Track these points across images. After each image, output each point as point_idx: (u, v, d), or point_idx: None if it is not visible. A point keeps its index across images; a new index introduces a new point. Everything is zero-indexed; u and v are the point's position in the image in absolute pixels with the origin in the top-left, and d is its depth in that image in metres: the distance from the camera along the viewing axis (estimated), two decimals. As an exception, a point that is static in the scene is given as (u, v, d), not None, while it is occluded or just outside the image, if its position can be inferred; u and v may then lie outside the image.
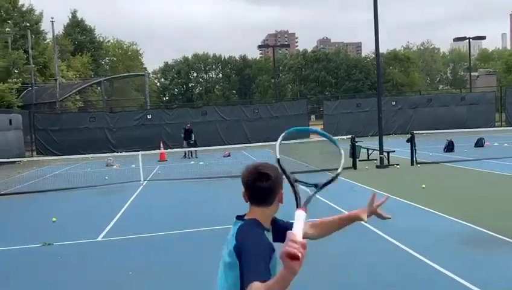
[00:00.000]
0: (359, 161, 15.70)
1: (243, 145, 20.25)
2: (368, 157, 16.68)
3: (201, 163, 19.62)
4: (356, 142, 15.30)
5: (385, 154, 15.25)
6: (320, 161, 16.96)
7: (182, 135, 23.45)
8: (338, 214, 2.51)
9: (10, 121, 25.98)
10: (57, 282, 5.60)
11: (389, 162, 15.15)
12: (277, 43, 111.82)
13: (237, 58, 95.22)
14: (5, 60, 35.72)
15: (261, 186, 2.01)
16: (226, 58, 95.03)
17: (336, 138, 2.44)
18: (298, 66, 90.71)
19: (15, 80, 34.35)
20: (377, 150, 15.69)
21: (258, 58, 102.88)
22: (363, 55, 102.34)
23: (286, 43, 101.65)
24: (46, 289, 5.43)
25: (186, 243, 7.03)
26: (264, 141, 22.02)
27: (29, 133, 28.89)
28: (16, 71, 35.98)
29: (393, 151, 15.87)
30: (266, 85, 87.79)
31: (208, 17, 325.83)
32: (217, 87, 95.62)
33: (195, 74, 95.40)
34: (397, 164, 14.97)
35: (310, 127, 2.09)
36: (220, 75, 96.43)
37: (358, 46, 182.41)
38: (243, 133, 30.40)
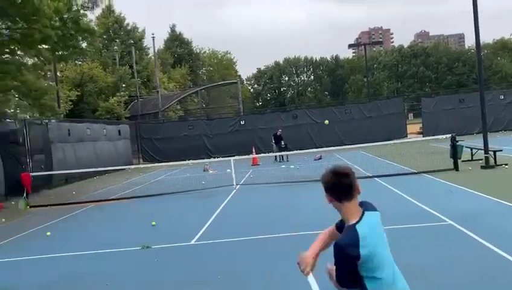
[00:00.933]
0: (462, 161, 14.56)
1: (334, 148, 19.89)
2: (472, 158, 15.40)
3: (292, 167, 19.68)
4: (457, 141, 14.19)
5: (491, 153, 13.94)
6: (417, 162, 16.06)
7: (272, 142, 23.78)
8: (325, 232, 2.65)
9: (119, 131, 28.50)
10: (152, 284, 5.96)
11: (495, 162, 13.82)
12: (370, 40, 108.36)
13: (329, 59, 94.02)
14: (114, 76, 39.31)
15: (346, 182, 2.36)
16: (318, 59, 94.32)
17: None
18: (394, 62, 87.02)
19: (122, 93, 37.65)
20: (481, 149, 14.42)
21: (350, 57, 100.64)
22: (466, 46, 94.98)
23: (380, 40, 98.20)
24: None
25: (278, 248, 7.05)
26: (358, 143, 21.43)
27: (136, 142, 31.38)
28: (123, 85, 39.39)
29: (501, 150, 14.46)
30: (360, 84, 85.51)
31: (300, 20, 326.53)
32: (308, 89, 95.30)
33: (286, 78, 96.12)
34: (505, 164, 13.61)
35: None
36: (312, 77, 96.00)
37: (460, 37, 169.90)
38: (335, 135, 29.91)
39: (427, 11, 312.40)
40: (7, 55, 16.19)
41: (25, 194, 14.25)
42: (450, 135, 14.46)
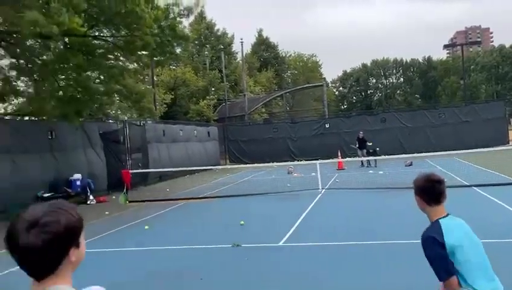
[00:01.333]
0: None
1: (427, 154, 18.92)
2: None
3: (380, 172, 19.07)
4: None
5: None
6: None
7: (356, 146, 23.13)
8: None
9: (208, 133, 29.70)
10: (242, 282, 6.15)
11: None
12: (467, 40, 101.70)
13: (420, 60, 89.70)
14: (204, 80, 41.04)
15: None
16: (408, 61, 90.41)
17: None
18: (493, 63, 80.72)
19: (212, 96, 39.16)
20: None
21: (444, 58, 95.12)
22: None
23: (478, 39, 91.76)
24: (232, 287, 6.01)
25: (365, 255, 6.92)
26: (452, 149, 20.19)
27: (223, 143, 32.47)
28: (212, 89, 40.95)
29: None
30: (455, 87, 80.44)
31: (389, 21, 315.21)
32: (397, 92, 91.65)
33: (374, 80, 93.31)
34: None
35: None
36: (402, 79, 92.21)
37: None
38: (427, 140, 28.44)
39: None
40: (111, 61, 17.57)
41: (125, 190, 15.39)
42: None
